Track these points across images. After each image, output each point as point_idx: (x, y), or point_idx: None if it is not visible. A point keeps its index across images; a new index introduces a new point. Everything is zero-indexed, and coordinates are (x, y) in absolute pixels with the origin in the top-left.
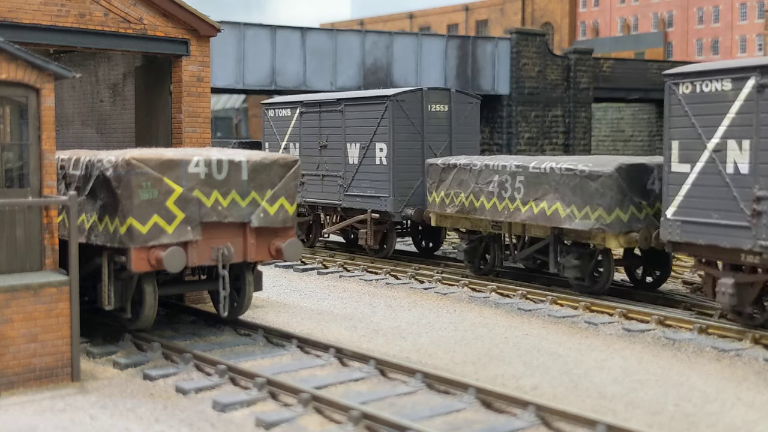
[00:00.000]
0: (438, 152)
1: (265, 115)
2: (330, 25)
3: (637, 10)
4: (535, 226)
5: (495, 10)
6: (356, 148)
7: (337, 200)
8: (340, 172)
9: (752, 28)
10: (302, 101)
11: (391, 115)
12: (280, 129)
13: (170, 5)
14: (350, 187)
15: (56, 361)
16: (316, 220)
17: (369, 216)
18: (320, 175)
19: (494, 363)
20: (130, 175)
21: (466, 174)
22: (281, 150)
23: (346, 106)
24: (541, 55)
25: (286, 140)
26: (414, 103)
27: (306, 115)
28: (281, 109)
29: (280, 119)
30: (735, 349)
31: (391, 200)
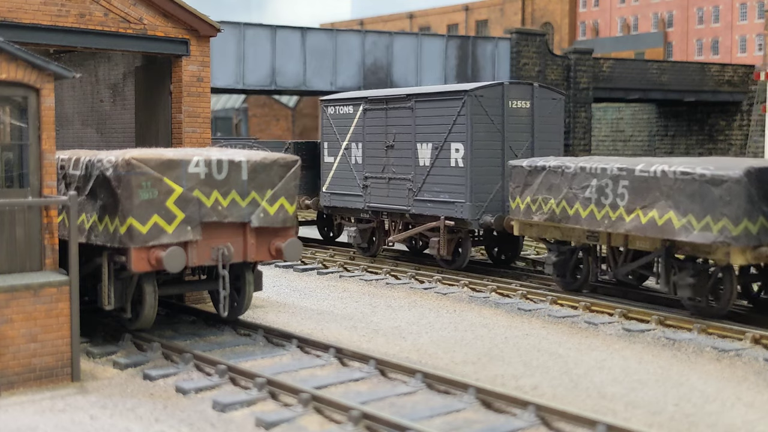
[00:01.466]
0: (519, 153)
1: (324, 112)
2: (330, 25)
3: (637, 10)
4: (640, 238)
5: (495, 10)
6: (428, 148)
7: (405, 206)
8: (409, 175)
9: (752, 28)
10: (366, 97)
11: (468, 111)
12: (340, 128)
13: (170, 5)
14: (420, 191)
15: (56, 361)
16: (380, 226)
17: (442, 223)
18: (386, 178)
19: (494, 363)
20: (130, 175)
21: (557, 178)
22: (342, 150)
23: (417, 103)
24: (541, 55)
25: (347, 140)
26: (494, 98)
27: (370, 113)
28: (342, 106)
29: (340, 117)
30: (735, 349)
31: (468, 206)
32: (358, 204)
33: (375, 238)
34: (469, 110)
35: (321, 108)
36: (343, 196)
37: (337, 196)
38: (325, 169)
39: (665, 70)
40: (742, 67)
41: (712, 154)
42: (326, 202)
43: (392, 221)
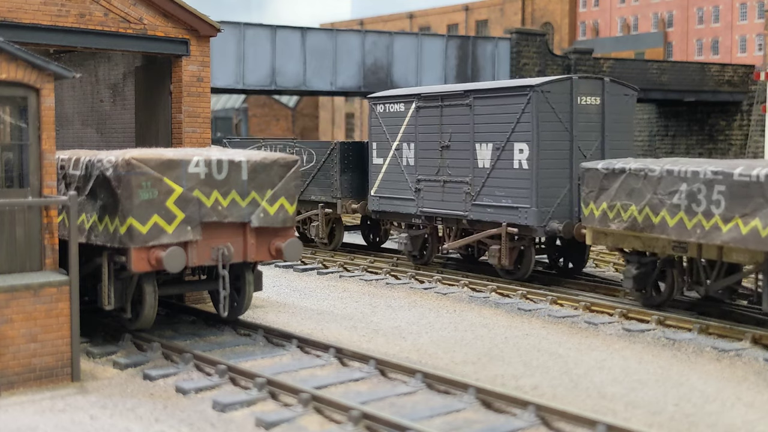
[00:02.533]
0: (588, 154)
1: (373, 110)
2: (330, 25)
3: (637, 10)
4: (739, 250)
5: (495, 10)
6: (488, 148)
7: (462, 211)
8: (467, 178)
9: (752, 28)
10: (419, 94)
11: (534, 108)
12: (390, 126)
13: (170, 5)
14: (479, 195)
15: (56, 361)
16: (433, 233)
17: (504, 230)
18: (441, 181)
19: (494, 363)
20: (130, 175)
21: (638, 181)
22: (392, 151)
23: (476, 99)
24: (541, 55)
25: (398, 140)
26: (561, 94)
27: (424, 110)
28: (393, 104)
29: (391, 115)
30: (735, 349)
31: (534, 212)
32: (409, 209)
33: (427, 246)
34: (535, 107)
35: (369, 106)
36: (393, 201)
37: (387, 200)
38: (373, 171)
39: (665, 70)
40: (742, 67)
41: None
42: (374, 206)
43: (447, 227)
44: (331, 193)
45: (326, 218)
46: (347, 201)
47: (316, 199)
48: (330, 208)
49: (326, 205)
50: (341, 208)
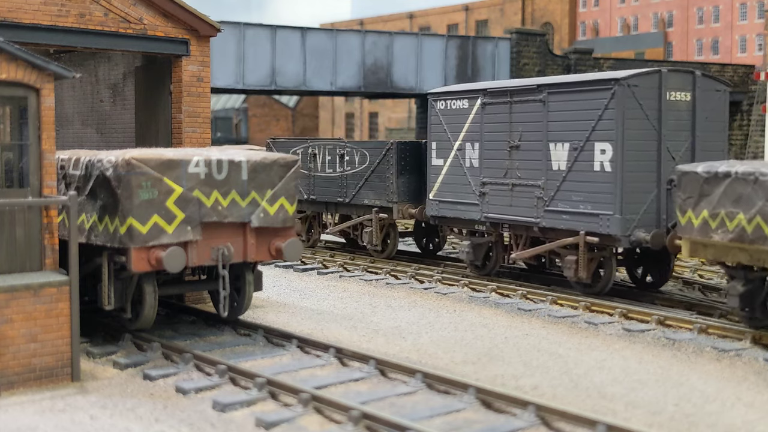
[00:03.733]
0: (677, 156)
1: (432, 107)
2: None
3: (637, 10)
4: None
5: (495, 10)
6: (564, 149)
7: (534, 217)
8: (539, 181)
9: (752, 28)
10: (485, 89)
11: (619, 104)
12: (452, 125)
13: (170, 5)
14: (553, 200)
15: (56, 361)
16: (499, 241)
17: (582, 240)
18: (509, 184)
19: (494, 363)
20: (130, 175)
21: (747, 187)
22: (454, 151)
23: (551, 94)
24: (541, 55)
25: (460, 139)
26: (649, 88)
27: (490, 107)
28: (455, 100)
29: (453, 112)
30: (735, 349)
31: (617, 219)
32: (473, 214)
33: (492, 255)
34: (620, 102)
35: (429, 103)
36: (454, 205)
37: (447, 204)
38: (432, 173)
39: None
40: (742, 67)
41: None
42: (433, 211)
43: (515, 235)
44: (386, 197)
45: (380, 224)
46: (404, 205)
47: (369, 203)
48: (385, 212)
49: (381, 210)
50: (397, 213)
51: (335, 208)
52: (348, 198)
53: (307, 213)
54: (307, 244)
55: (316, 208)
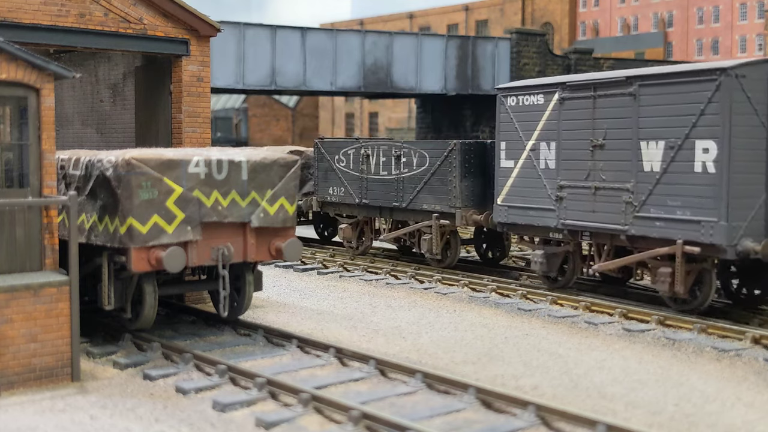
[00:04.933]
0: None
1: (501, 103)
2: (330, 25)
3: (637, 10)
4: None
5: (495, 10)
6: (658, 147)
7: (621, 224)
8: (628, 184)
9: (752, 28)
10: (564, 83)
11: (725, 97)
12: (524, 123)
13: (170, 5)
14: (645, 205)
15: (56, 361)
16: (577, 250)
17: (680, 249)
18: (591, 187)
19: (494, 363)
20: (130, 175)
21: None
22: (526, 152)
23: (643, 87)
24: (541, 55)
25: (534, 138)
26: (759, 80)
27: (570, 102)
28: (528, 95)
29: (525, 109)
30: (735, 349)
31: (723, 227)
32: (548, 221)
33: (569, 265)
34: (727, 95)
35: (498, 99)
36: (526, 211)
37: (518, 210)
38: (501, 176)
39: None
40: None
41: None
42: (502, 217)
43: (597, 244)
44: (448, 202)
45: (441, 231)
46: (468, 211)
47: (428, 208)
48: (446, 219)
49: (441, 216)
50: (460, 220)
51: (390, 213)
52: (405, 203)
53: (357, 218)
54: (357, 252)
55: (368, 212)
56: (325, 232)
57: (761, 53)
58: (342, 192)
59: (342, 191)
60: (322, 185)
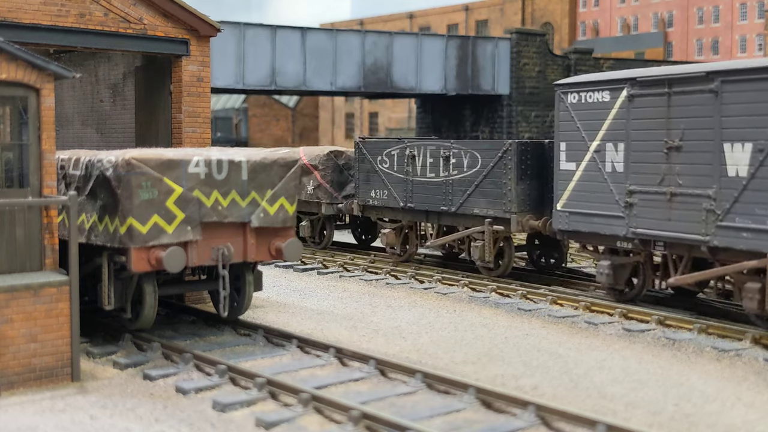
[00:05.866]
0: None
1: (562, 100)
2: (330, 25)
3: (637, 10)
4: None
5: (495, 10)
6: (745, 150)
7: (701, 234)
8: (709, 190)
9: (752, 28)
10: (634, 78)
11: None
12: (588, 122)
13: (170, 5)
14: (729, 213)
15: (56, 361)
16: (648, 261)
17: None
18: (665, 193)
19: (494, 363)
20: (130, 175)
21: None
22: (590, 153)
23: (727, 83)
24: (541, 55)
25: (599, 138)
26: None
27: (641, 99)
28: (592, 91)
29: (589, 107)
30: (735, 349)
31: None
32: (615, 229)
33: (638, 277)
34: None
35: (557, 96)
36: (589, 218)
37: (581, 216)
38: (561, 179)
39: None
40: None
41: None
42: (562, 224)
43: (672, 255)
44: (502, 207)
45: (494, 237)
46: (524, 216)
47: (480, 213)
48: (500, 224)
49: (495, 221)
50: (516, 225)
51: (437, 218)
52: (454, 207)
53: (402, 223)
54: (401, 258)
55: (413, 217)
56: (363, 236)
57: (761, 53)
58: (385, 195)
59: (385, 194)
60: (364, 188)
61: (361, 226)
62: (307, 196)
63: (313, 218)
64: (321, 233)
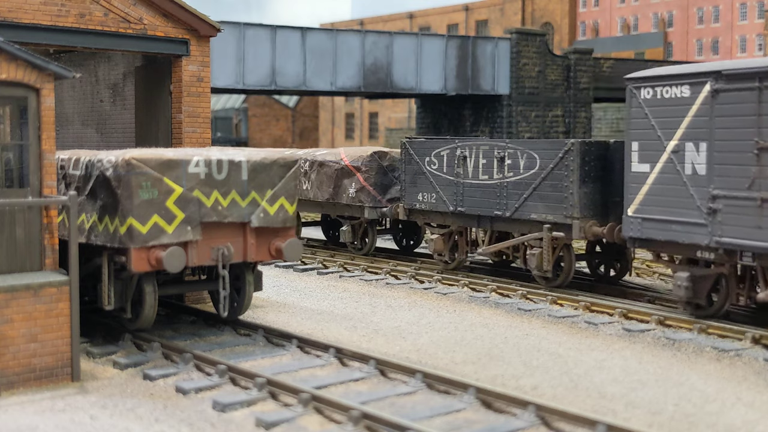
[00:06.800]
0: None
1: (633, 96)
2: (330, 25)
3: (637, 10)
4: None
5: (495, 10)
6: None
7: None
8: None
9: (752, 28)
10: (718, 71)
11: None
12: (664, 119)
13: (170, 5)
14: None
15: (56, 361)
16: (733, 273)
17: None
18: (756, 198)
19: (494, 363)
20: (130, 175)
21: None
22: (666, 154)
23: None
24: (541, 55)
25: (677, 137)
26: None
27: (726, 95)
28: (670, 86)
29: (665, 103)
30: (735, 349)
31: None
32: (696, 237)
33: (721, 291)
34: None
35: (628, 91)
36: (666, 225)
37: (655, 223)
38: (632, 183)
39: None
40: None
41: None
42: (634, 231)
43: (764, 267)
44: (563, 211)
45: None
46: (587, 222)
47: (538, 218)
48: (560, 230)
49: (554, 227)
50: (578, 232)
51: (490, 223)
52: (509, 211)
53: (451, 228)
54: (449, 266)
55: (464, 222)
56: (404, 241)
57: (761, 53)
58: (433, 198)
59: (433, 198)
60: (410, 191)
61: (403, 231)
62: (348, 199)
63: (354, 223)
64: (363, 239)
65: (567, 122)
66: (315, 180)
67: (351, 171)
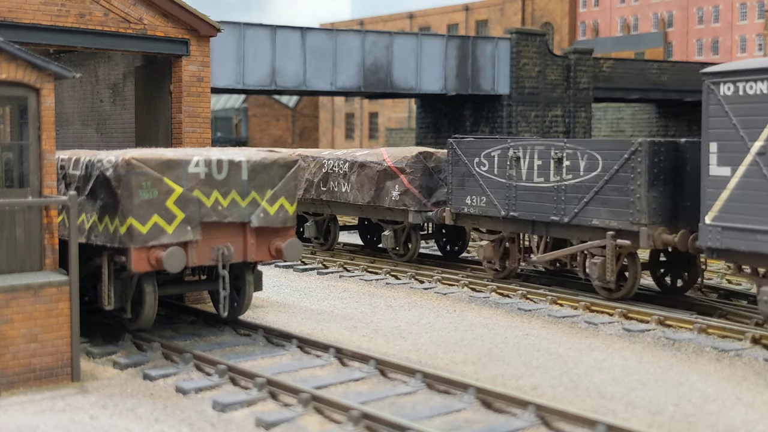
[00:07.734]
0: None
1: (712, 92)
2: (330, 25)
3: (637, 10)
4: None
5: (495, 10)
6: None
7: None
8: None
9: (752, 28)
10: None
11: None
12: (747, 118)
13: (170, 5)
14: None
15: (56, 361)
16: None
17: None
18: None
19: (494, 363)
20: (130, 175)
21: None
22: (751, 156)
23: None
24: (541, 55)
25: (764, 138)
26: None
27: None
28: (754, 81)
29: (749, 99)
30: (735, 349)
31: None
32: None
33: None
34: None
35: (704, 87)
36: (751, 234)
37: (738, 233)
38: (710, 187)
39: (665, 70)
40: None
41: None
42: (713, 241)
43: None
44: (629, 217)
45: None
46: (656, 229)
47: (600, 224)
48: (625, 238)
49: (618, 234)
50: (646, 240)
51: (545, 229)
52: (567, 216)
53: (502, 234)
54: (500, 275)
55: (517, 228)
56: (449, 247)
57: (761, 53)
58: (483, 202)
59: (483, 201)
60: (458, 194)
61: (447, 236)
62: (391, 202)
63: (396, 228)
64: (405, 244)
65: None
66: (355, 182)
67: (394, 173)
